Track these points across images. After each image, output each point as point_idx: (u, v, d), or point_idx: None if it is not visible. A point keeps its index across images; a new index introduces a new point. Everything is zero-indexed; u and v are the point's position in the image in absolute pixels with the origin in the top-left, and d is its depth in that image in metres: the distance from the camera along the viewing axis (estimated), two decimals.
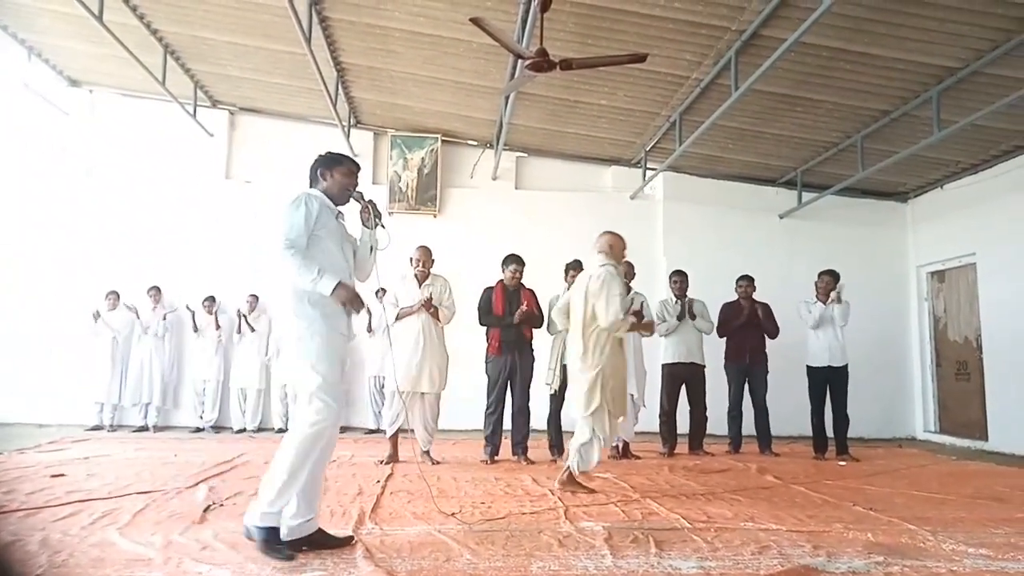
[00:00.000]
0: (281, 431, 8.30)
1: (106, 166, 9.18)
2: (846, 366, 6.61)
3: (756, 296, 7.01)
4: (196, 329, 8.47)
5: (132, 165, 9.18)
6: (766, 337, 6.93)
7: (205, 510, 3.66)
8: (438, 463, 5.69)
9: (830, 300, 6.67)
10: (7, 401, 8.29)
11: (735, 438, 6.92)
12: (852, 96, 6.79)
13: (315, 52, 6.45)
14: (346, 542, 3.03)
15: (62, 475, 4.71)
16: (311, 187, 3.28)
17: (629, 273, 6.46)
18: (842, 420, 6.63)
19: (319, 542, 2.94)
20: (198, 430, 8.33)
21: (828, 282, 6.75)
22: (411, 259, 5.87)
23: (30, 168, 9.04)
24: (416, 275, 5.81)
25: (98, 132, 9.29)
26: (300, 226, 3.02)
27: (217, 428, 8.43)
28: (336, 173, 3.27)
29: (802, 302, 6.85)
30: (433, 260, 5.90)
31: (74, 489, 4.19)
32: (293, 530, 2.89)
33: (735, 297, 7.07)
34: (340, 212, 3.29)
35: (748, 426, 6.90)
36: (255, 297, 8.61)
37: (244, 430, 8.33)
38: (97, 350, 8.26)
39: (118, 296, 8.41)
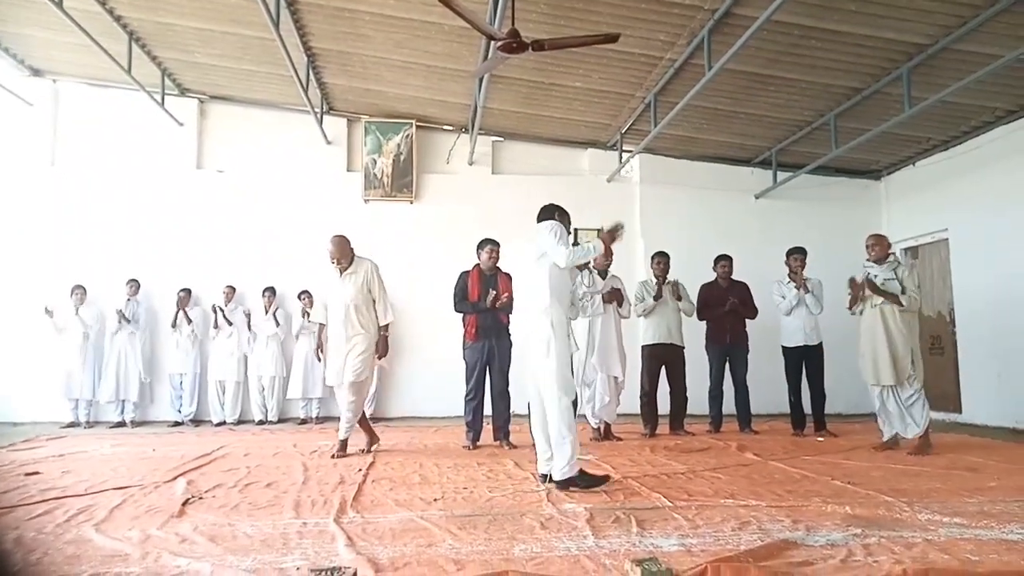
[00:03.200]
0: (261, 423, 8.24)
1: (72, 157, 8.99)
2: (820, 344, 6.69)
3: (734, 276, 7.05)
4: (175, 325, 8.35)
5: (99, 156, 8.98)
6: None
7: (184, 504, 3.61)
8: (366, 451, 5.53)
9: (800, 283, 6.68)
10: None
11: (716, 417, 6.98)
12: (824, 74, 6.82)
13: (284, 37, 6.33)
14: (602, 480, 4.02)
15: (37, 473, 4.63)
16: (547, 218, 4.31)
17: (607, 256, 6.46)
18: (819, 397, 6.73)
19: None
20: (176, 424, 8.24)
21: (800, 260, 6.77)
22: (328, 251, 5.52)
23: None
24: (337, 269, 5.50)
25: (63, 122, 9.08)
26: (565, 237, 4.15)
27: (196, 422, 8.34)
28: (566, 218, 4.43)
29: (775, 283, 6.89)
30: (351, 249, 5.56)
31: (49, 487, 4.12)
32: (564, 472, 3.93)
33: (713, 277, 7.11)
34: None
35: (728, 405, 6.97)
36: (232, 288, 8.51)
37: (223, 423, 8.26)
38: (68, 346, 8.10)
39: (85, 291, 8.25)
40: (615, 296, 6.30)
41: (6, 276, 8.53)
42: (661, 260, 6.87)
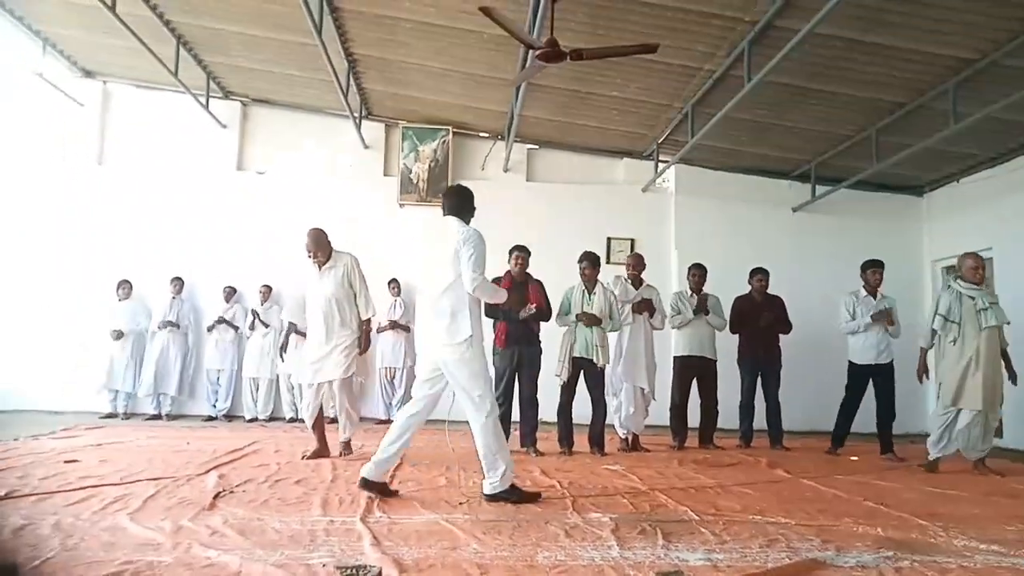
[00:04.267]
0: (292, 420, 8.36)
1: (119, 156, 9.26)
2: (892, 363, 6.43)
3: (769, 290, 6.96)
4: (211, 329, 8.55)
5: (145, 155, 9.24)
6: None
7: (215, 497, 3.69)
8: (306, 456, 5.25)
9: (877, 311, 6.40)
10: (22, 389, 8.40)
11: (746, 432, 6.88)
12: (867, 88, 6.71)
13: (326, 43, 6.45)
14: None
15: (75, 461, 4.77)
16: (460, 214, 4.30)
17: (639, 265, 6.46)
18: (888, 417, 6.43)
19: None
20: (211, 419, 8.40)
21: (879, 274, 6.48)
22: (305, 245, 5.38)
23: (45, 158, 9.13)
24: (316, 264, 5.36)
25: (112, 123, 9.37)
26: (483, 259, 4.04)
27: (229, 417, 8.50)
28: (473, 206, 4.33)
29: (848, 295, 6.58)
30: (329, 242, 5.40)
31: (86, 475, 4.24)
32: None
33: (748, 290, 7.02)
34: None
35: (759, 421, 6.86)
36: (268, 288, 8.66)
37: (255, 419, 8.40)
38: (111, 339, 8.31)
39: (131, 286, 8.48)
40: (646, 307, 6.26)
41: (53, 271, 8.79)
42: (697, 272, 6.81)
